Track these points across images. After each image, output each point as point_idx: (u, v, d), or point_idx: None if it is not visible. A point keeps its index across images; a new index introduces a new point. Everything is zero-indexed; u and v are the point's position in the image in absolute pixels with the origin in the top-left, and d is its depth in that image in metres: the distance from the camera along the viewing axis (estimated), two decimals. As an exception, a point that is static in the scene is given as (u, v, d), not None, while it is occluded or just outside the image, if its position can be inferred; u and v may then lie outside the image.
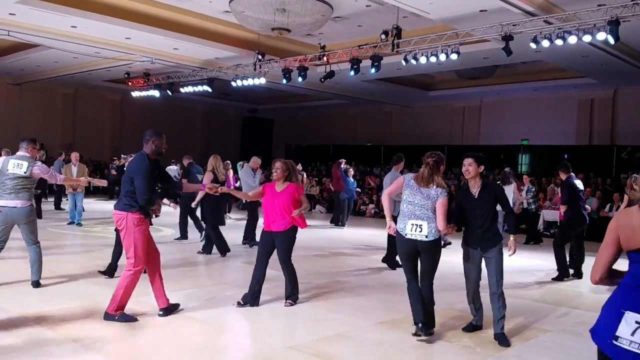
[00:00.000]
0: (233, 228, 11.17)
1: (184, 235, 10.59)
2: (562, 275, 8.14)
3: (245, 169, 10.56)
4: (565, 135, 19.75)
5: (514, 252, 5.04)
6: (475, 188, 5.01)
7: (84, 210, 12.90)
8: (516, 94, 20.39)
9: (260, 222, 6.36)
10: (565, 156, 19.65)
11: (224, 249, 9.02)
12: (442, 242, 5.40)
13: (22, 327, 4.84)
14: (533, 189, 13.59)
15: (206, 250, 9.24)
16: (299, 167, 11.04)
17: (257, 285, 5.82)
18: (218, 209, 9.21)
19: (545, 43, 10.52)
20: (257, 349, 4.76)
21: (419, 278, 4.95)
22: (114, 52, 15.57)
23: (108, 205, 13.09)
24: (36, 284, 6.26)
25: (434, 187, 4.84)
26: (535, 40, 10.65)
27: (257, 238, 10.42)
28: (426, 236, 4.75)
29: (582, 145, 19.51)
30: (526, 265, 9.93)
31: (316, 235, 11.98)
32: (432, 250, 4.85)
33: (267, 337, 5.03)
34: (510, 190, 11.11)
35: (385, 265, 8.54)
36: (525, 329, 5.58)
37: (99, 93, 24.46)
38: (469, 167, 4.99)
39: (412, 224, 4.78)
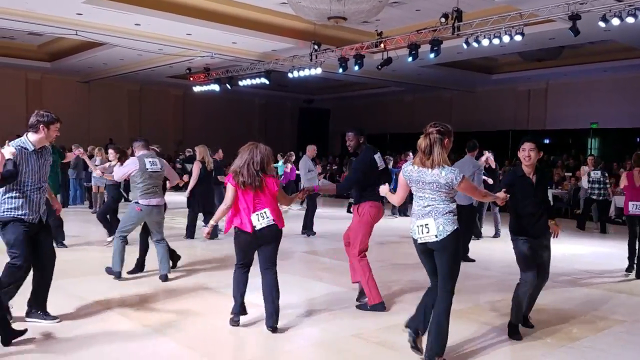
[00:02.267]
0: (293, 217, 11.29)
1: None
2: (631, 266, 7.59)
3: (305, 159, 10.64)
4: (638, 117, 18.70)
5: (556, 236, 4.73)
6: (531, 174, 4.68)
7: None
8: (584, 75, 19.48)
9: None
10: (638, 139, 18.68)
11: (191, 233, 9.56)
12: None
13: (97, 313, 5.08)
14: (599, 174, 11.92)
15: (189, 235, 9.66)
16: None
17: None
18: (207, 198, 9.47)
19: (615, 21, 10.01)
20: (321, 337, 4.79)
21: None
22: (176, 48, 16.02)
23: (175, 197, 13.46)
24: (165, 278, 6.39)
25: (438, 167, 3.87)
26: (604, 19, 10.14)
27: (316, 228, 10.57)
28: (436, 236, 3.91)
29: (656, 128, 18.46)
30: (598, 253, 9.55)
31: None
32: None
33: (331, 325, 5.04)
34: None
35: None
36: (599, 319, 5.36)
37: (162, 89, 25.27)
38: (531, 153, 4.59)
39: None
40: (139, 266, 6.77)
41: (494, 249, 9.16)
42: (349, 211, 13.87)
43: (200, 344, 4.50)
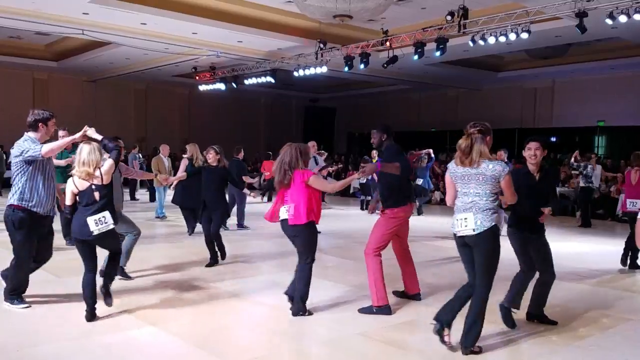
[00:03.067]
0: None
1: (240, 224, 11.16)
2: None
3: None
4: (645, 115, 18.62)
5: (542, 220, 4.83)
6: (536, 172, 4.81)
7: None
8: (591, 73, 19.38)
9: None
10: (646, 137, 18.54)
11: (192, 229, 9.79)
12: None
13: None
14: (590, 168, 12.20)
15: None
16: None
17: None
18: (189, 194, 9.45)
19: (623, 18, 9.95)
20: (327, 335, 4.79)
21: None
22: (181, 47, 16.05)
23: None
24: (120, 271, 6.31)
25: (484, 162, 4.04)
26: (611, 16, 10.08)
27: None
28: (473, 230, 4.07)
29: (664, 126, 18.34)
30: (605, 251, 9.51)
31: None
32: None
33: (337, 324, 5.05)
34: None
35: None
36: (605, 317, 5.34)
37: (168, 88, 25.34)
38: (536, 152, 4.73)
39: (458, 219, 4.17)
40: (214, 257, 7.24)
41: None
42: (364, 209, 13.70)
43: (207, 342, 4.52)
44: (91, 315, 4.78)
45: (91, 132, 4.98)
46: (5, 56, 19.38)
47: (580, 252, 9.20)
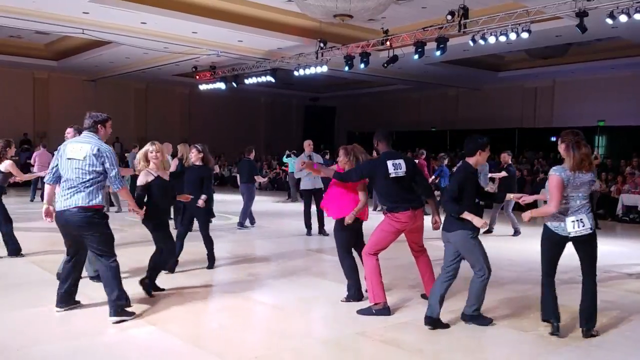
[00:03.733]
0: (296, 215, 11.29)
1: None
2: None
3: (302, 155, 10.59)
4: (645, 115, 18.60)
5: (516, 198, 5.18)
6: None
7: None
8: (591, 72, 19.38)
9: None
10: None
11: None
12: None
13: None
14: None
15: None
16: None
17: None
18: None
19: (623, 18, 9.95)
20: (325, 335, 4.79)
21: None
22: (182, 46, 16.05)
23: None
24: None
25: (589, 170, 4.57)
26: (611, 16, 10.08)
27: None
28: (590, 228, 4.57)
29: (665, 125, 18.33)
30: (606, 251, 9.50)
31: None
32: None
33: (335, 323, 5.05)
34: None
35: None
36: (606, 317, 5.32)
37: (168, 87, 25.35)
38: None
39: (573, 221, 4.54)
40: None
41: (501, 247, 9.11)
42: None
43: (206, 342, 4.52)
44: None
45: None
46: (6, 55, 19.40)
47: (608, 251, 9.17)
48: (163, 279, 6.15)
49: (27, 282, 6.22)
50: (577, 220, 4.50)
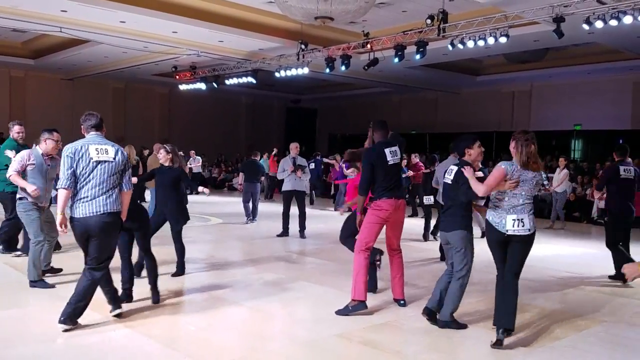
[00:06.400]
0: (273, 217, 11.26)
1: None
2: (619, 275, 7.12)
3: (287, 157, 10.57)
4: (621, 119, 18.96)
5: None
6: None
7: None
8: (568, 77, 19.69)
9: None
10: (620, 141, 18.91)
11: None
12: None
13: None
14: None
15: None
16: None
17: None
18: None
19: (599, 24, 10.12)
20: (305, 337, 4.79)
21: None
22: (161, 46, 15.91)
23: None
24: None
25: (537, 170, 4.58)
26: (588, 22, 10.25)
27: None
28: (529, 230, 4.49)
29: (639, 130, 18.68)
30: (580, 254, 9.67)
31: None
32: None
33: (315, 325, 5.06)
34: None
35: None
36: (580, 319, 5.42)
37: (148, 87, 25.10)
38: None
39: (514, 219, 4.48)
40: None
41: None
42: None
43: (184, 344, 4.50)
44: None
45: None
46: (-19, 53, 19.05)
47: (556, 254, 9.34)
48: (142, 282, 6.10)
49: (1, 284, 6.11)
50: (518, 220, 4.45)
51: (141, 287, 5.75)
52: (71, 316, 4.55)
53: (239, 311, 5.44)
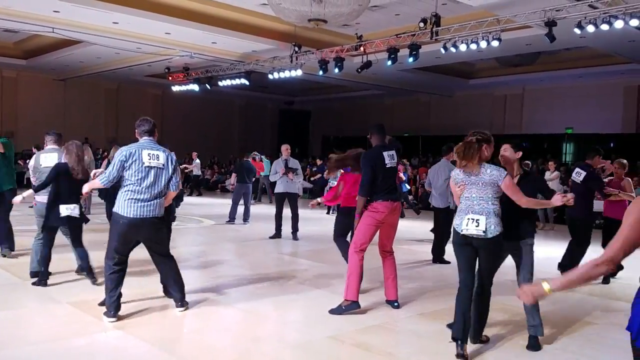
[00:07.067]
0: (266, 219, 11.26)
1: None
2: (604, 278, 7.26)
3: (279, 159, 10.55)
4: (612, 123, 19.13)
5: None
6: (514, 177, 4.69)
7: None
8: (560, 81, 19.84)
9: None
10: (612, 145, 19.08)
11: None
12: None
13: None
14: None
15: None
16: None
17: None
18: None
19: (591, 28, 10.20)
20: (297, 339, 4.79)
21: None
22: (154, 47, 15.89)
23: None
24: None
25: (483, 167, 4.24)
26: (579, 26, 10.33)
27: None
28: (484, 232, 4.19)
29: (629, 134, 18.86)
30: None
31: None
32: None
33: (307, 327, 5.06)
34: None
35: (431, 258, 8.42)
36: (571, 321, 5.45)
37: (140, 88, 25.03)
38: (504, 153, 4.68)
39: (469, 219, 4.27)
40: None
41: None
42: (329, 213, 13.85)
43: (175, 346, 4.48)
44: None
45: None
46: (-28, 53, 18.95)
47: (546, 257, 9.36)
48: (132, 283, 6.08)
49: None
50: (473, 220, 4.21)
51: (133, 290, 5.73)
52: (183, 296, 5.23)
53: (232, 313, 5.43)
